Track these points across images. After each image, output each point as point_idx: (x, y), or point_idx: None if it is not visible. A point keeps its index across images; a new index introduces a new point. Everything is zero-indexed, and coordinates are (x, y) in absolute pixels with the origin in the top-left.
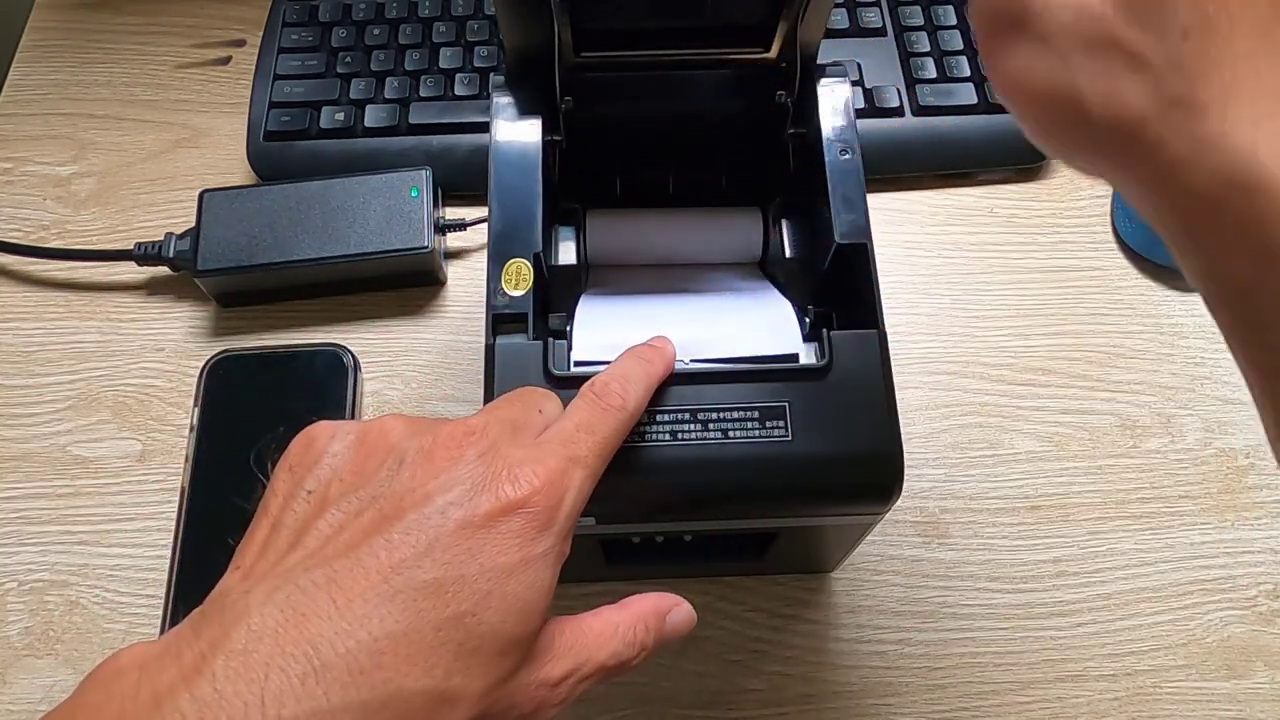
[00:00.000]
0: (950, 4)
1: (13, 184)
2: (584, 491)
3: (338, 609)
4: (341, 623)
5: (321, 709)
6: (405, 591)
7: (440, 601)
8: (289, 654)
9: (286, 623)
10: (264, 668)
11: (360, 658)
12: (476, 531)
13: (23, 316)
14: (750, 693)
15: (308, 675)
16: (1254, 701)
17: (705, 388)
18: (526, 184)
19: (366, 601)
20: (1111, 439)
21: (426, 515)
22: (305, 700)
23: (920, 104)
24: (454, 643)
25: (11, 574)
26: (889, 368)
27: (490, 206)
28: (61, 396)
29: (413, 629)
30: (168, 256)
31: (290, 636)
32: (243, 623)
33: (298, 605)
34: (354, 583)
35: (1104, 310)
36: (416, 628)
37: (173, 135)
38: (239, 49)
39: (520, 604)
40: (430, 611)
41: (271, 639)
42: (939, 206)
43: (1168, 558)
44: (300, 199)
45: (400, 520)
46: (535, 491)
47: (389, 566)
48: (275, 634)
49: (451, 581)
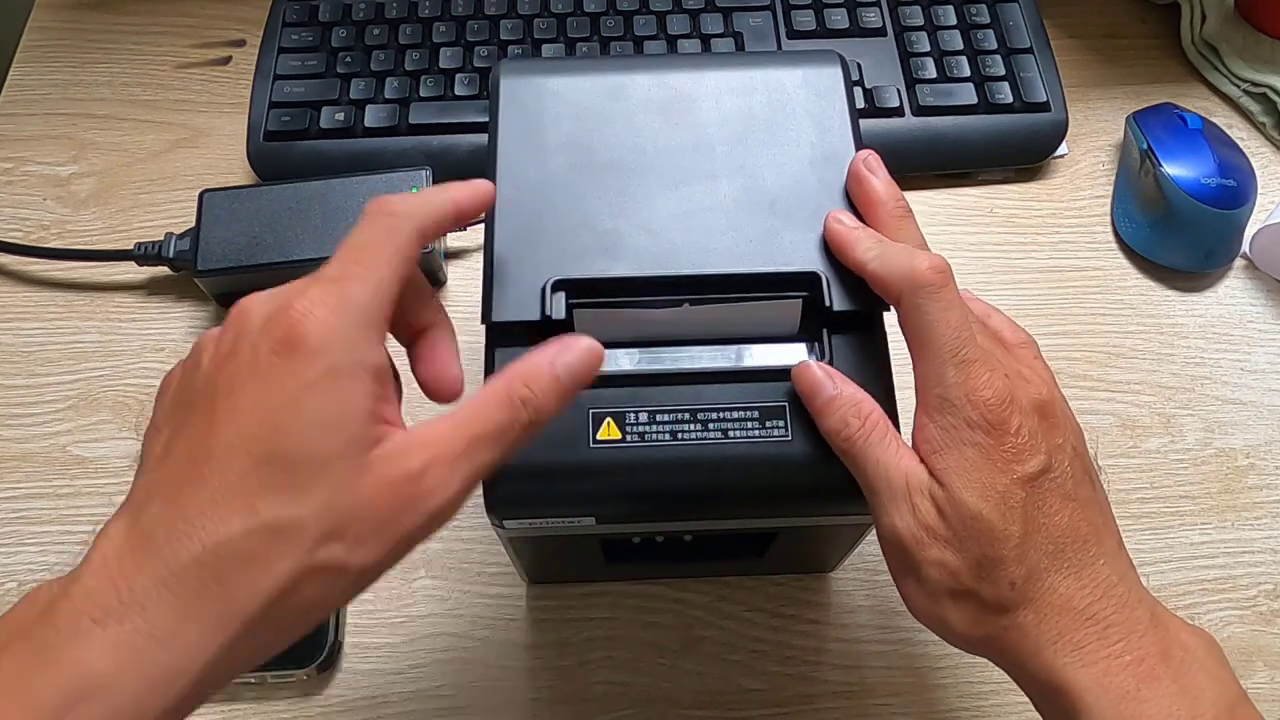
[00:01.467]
0: (950, 4)
1: (13, 184)
2: (356, 300)
3: (166, 513)
4: (173, 521)
5: (161, 573)
6: (206, 461)
7: (236, 457)
8: (139, 556)
9: (131, 546)
10: (119, 565)
11: (180, 527)
12: (250, 382)
13: (23, 316)
14: (750, 693)
15: (147, 558)
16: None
17: (705, 388)
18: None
19: (181, 490)
20: (1111, 439)
21: (211, 395)
22: (148, 573)
23: (920, 104)
24: (261, 484)
25: (11, 574)
26: (889, 367)
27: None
28: (61, 396)
29: (219, 489)
30: (168, 256)
31: (132, 547)
32: (96, 550)
33: (142, 529)
34: (171, 483)
35: (1104, 310)
36: (222, 486)
37: (173, 135)
38: (239, 49)
39: (317, 422)
40: (231, 468)
41: (120, 554)
42: (939, 206)
43: (1168, 558)
44: (300, 199)
45: (195, 407)
46: (294, 323)
47: (191, 452)
48: (119, 551)
49: (243, 437)
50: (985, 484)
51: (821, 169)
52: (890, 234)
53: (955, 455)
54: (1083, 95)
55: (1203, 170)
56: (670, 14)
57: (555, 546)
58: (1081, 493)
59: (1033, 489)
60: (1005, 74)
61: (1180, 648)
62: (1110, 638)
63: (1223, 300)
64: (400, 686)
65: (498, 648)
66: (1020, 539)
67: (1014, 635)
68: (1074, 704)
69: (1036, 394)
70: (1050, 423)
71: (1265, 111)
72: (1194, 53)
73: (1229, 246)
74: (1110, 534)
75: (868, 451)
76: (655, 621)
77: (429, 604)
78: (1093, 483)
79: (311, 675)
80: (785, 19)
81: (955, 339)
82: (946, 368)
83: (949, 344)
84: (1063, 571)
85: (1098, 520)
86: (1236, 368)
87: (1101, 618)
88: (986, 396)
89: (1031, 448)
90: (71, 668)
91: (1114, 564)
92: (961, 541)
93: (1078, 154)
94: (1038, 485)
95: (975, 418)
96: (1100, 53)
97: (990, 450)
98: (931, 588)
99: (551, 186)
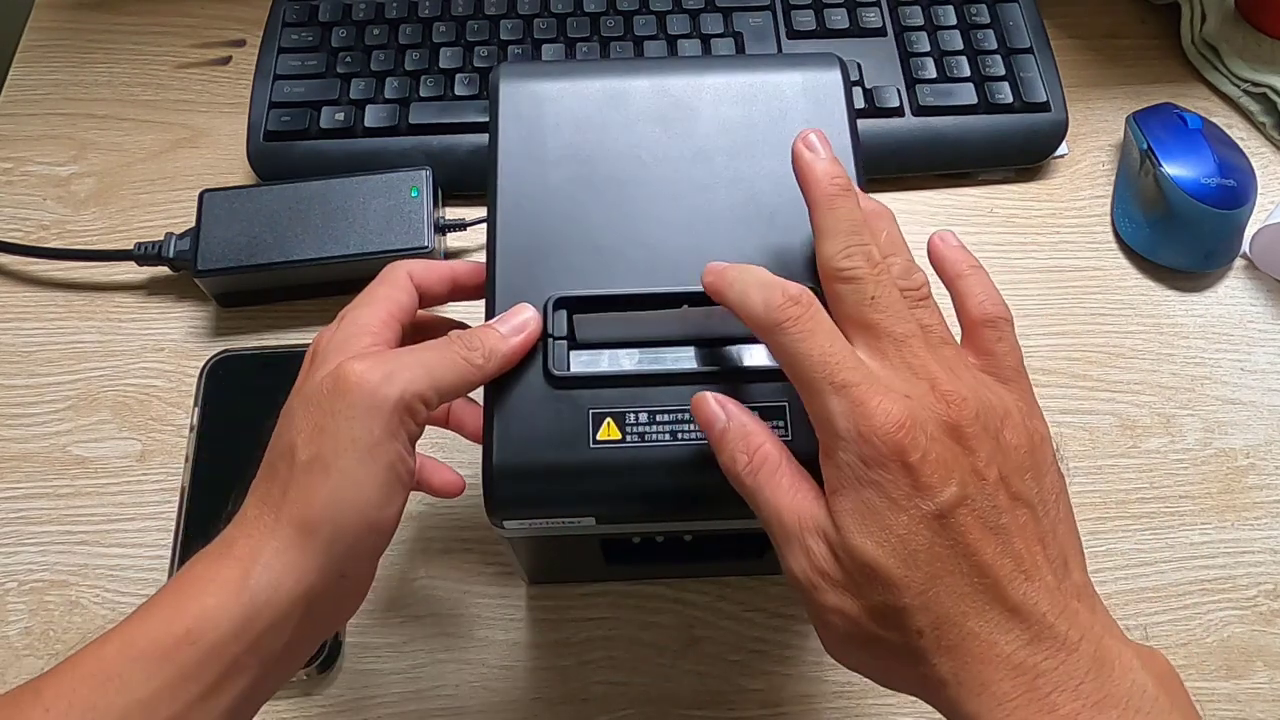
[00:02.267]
0: (950, 4)
1: (13, 184)
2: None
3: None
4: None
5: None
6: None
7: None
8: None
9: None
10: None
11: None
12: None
13: (23, 316)
14: (750, 693)
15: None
16: (1254, 701)
17: (705, 388)
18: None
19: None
20: (1111, 439)
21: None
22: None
23: (920, 104)
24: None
25: (11, 574)
26: None
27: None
28: (61, 396)
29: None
30: (168, 256)
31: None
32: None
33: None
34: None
35: (1104, 310)
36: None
37: (173, 135)
38: (239, 49)
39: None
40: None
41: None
42: (939, 206)
43: (1168, 558)
44: (300, 199)
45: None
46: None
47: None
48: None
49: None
50: (882, 527)
51: None
52: (822, 215)
53: (851, 496)
54: (1083, 95)
55: (1203, 170)
56: (670, 14)
57: (555, 547)
58: (1013, 520)
59: (943, 525)
60: (1005, 74)
61: (1124, 695)
62: (1040, 689)
63: (1223, 300)
64: (400, 686)
65: (498, 648)
66: (924, 584)
67: (934, 684)
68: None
69: (948, 413)
70: (966, 444)
71: (1265, 111)
72: (1194, 53)
73: (1229, 246)
74: (1053, 560)
75: (758, 490)
76: (655, 621)
77: (429, 604)
78: (1031, 505)
79: (311, 675)
80: (785, 19)
81: (823, 365)
82: (828, 399)
83: (818, 372)
84: (985, 615)
85: (1035, 548)
86: (1236, 368)
87: (1030, 666)
88: (878, 424)
89: (940, 478)
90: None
91: (1054, 598)
92: (859, 588)
93: (1078, 154)
94: (949, 520)
95: (868, 452)
96: (1100, 53)
97: (888, 486)
98: (836, 634)
99: (552, 200)
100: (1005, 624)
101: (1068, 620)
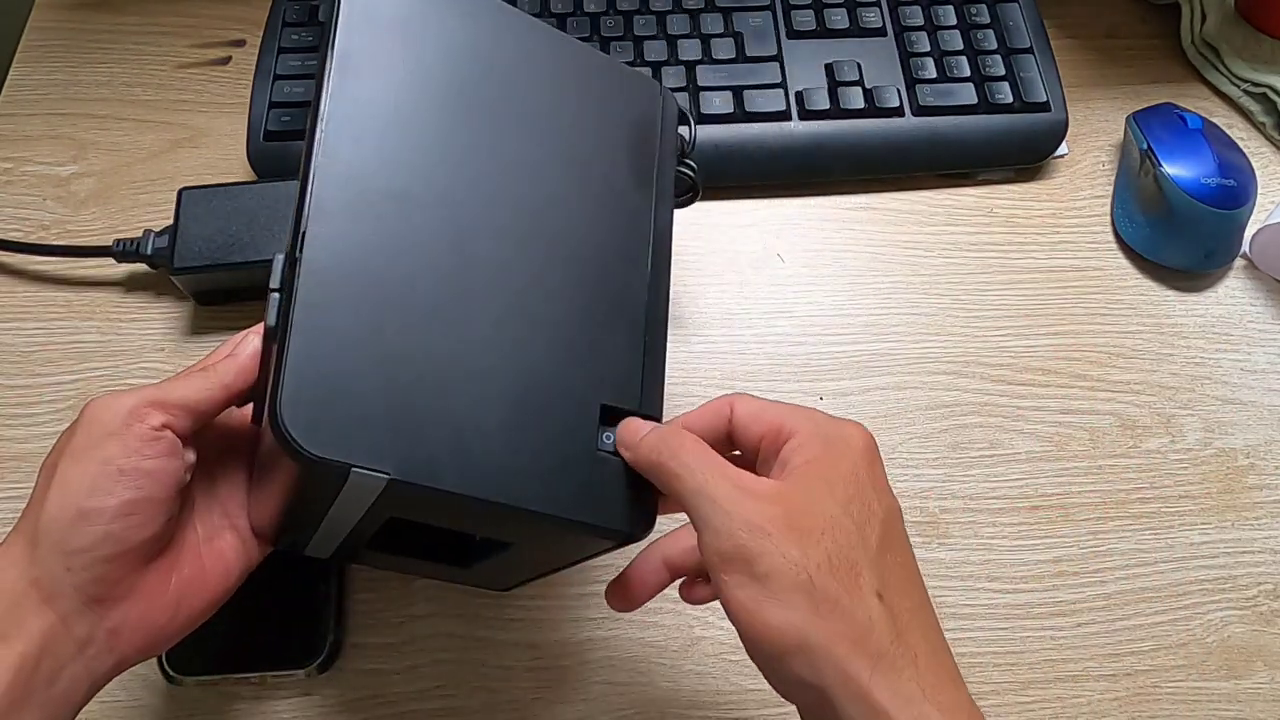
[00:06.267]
0: (950, 4)
1: (13, 184)
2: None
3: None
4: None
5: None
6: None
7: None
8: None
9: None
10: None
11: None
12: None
13: (23, 316)
14: (750, 693)
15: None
16: (1254, 701)
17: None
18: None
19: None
20: (1111, 439)
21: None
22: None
23: (920, 104)
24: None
25: None
26: None
27: None
28: (61, 396)
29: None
30: (145, 253)
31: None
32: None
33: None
34: None
35: (1104, 310)
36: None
37: (173, 135)
38: (239, 49)
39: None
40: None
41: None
42: (939, 206)
43: (1168, 558)
44: (279, 197)
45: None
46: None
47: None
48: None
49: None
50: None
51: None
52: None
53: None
54: (1083, 95)
55: (1203, 170)
56: (670, 14)
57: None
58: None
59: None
60: (1005, 74)
61: None
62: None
63: (1223, 300)
64: (400, 686)
65: (498, 648)
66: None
67: (884, 669)
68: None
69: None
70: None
71: (1265, 111)
72: (1194, 53)
73: (1229, 246)
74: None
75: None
76: (655, 621)
77: (429, 604)
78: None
79: (312, 675)
80: (785, 19)
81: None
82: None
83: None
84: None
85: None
86: (1236, 368)
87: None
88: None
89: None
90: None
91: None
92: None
93: (1078, 154)
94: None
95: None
96: (1100, 53)
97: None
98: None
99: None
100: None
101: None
